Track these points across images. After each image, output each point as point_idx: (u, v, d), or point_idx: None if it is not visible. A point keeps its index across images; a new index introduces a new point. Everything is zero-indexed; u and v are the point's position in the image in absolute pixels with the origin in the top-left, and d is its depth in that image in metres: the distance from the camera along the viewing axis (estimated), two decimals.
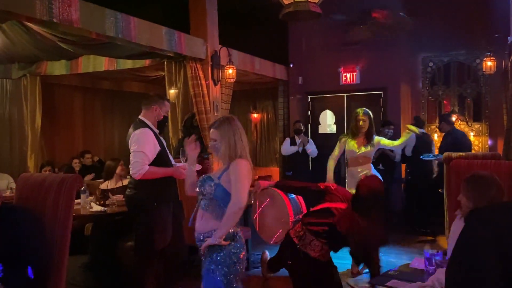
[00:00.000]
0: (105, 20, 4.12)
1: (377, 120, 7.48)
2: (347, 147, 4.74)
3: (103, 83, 8.22)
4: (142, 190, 3.52)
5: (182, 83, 5.64)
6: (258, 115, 9.15)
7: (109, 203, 4.65)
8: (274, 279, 4.48)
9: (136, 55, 5.40)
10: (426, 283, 2.17)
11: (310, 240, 3.09)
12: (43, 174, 4.07)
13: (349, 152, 4.72)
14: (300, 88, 8.18)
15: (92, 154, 7.33)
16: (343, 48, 7.65)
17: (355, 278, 4.47)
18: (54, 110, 7.55)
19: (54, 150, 7.48)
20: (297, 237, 3.15)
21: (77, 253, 4.47)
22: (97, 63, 6.32)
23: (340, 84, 7.83)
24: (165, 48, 4.95)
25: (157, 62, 5.83)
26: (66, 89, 7.76)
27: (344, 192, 3.30)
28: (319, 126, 8.19)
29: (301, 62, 8.11)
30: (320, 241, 3.07)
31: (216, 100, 5.86)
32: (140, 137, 3.50)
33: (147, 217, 3.52)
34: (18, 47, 5.36)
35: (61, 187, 2.67)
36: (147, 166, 3.43)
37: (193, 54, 5.43)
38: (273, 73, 7.81)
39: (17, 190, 3.07)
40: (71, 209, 2.68)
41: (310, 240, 3.09)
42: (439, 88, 7.56)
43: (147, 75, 7.21)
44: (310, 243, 3.09)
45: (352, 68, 7.72)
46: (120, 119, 8.42)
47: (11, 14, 3.45)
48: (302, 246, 3.11)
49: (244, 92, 8.50)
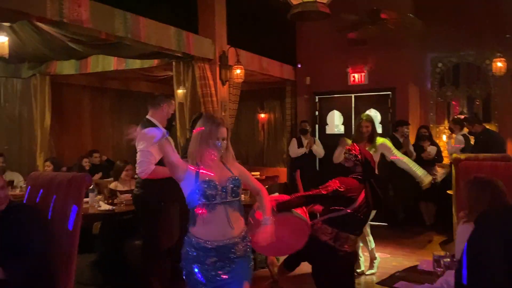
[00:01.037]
0: (115, 20, 4.15)
1: (385, 121, 7.48)
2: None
3: (111, 82, 8.27)
4: (149, 190, 3.54)
5: (190, 83, 5.65)
6: (265, 115, 9.15)
7: (117, 202, 4.68)
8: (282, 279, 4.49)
9: (144, 55, 5.43)
10: (435, 285, 2.16)
11: (345, 238, 3.11)
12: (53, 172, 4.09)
13: None
14: (308, 88, 8.17)
15: (100, 154, 7.38)
16: (351, 48, 7.62)
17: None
18: (63, 109, 7.61)
19: (63, 149, 7.53)
20: (331, 240, 3.13)
21: (85, 252, 4.49)
22: (106, 62, 6.37)
23: (348, 84, 7.81)
24: (173, 48, 4.97)
25: (165, 62, 5.86)
26: (75, 89, 7.82)
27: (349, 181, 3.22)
28: (326, 127, 8.17)
29: (309, 62, 8.10)
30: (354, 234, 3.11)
31: (223, 100, 5.87)
32: (146, 137, 3.52)
33: (154, 216, 3.54)
34: (28, 46, 5.40)
35: (70, 185, 2.70)
36: (153, 166, 3.45)
37: (201, 54, 5.45)
38: (280, 73, 7.81)
39: (27, 188, 3.10)
40: (80, 207, 2.70)
41: (346, 237, 3.11)
42: (448, 89, 7.52)
43: (155, 75, 7.24)
44: (347, 240, 3.11)
45: (360, 69, 7.69)
46: (128, 118, 8.46)
47: (22, 14, 3.48)
48: (340, 246, 3.12)
49: (252, 92, 8.50)
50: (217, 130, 2.31)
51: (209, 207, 2.24)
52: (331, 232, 3.14)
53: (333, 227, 3.14)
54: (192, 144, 2.37)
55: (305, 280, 3.67)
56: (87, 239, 4.49)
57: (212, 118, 2.39)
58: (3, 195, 2.53)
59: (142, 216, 3.73)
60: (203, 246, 2.25)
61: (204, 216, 2.25)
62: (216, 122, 2.34)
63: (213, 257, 2.24)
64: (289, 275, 4.22)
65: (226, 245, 2.26)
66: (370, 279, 4.58)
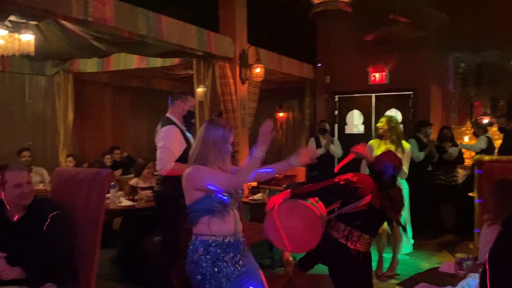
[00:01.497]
0: (137, 19, 4.20)
1: (406, 121, 7.39)
2: (377, 152, 4.64)
3: (132, 81, 8.38)
4: (170, 186, 3.57)
5: (210, 81, 5.69)
6: (284, 114, 9.14)
7: (137, 198, 4.75)
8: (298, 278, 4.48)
9: (166, 54, 5.48)
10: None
11: (358, 236, 3.09)
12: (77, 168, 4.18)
13: None
14: (328, 87, 8.13)
15: (121, 150, 7.49)
16: (372, 48, 7.55)
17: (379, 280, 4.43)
18: (85, 106, 7.74)
19: (85, 146, 7.67)
20: (343, 237, 3.11)
21: (106, 247, 4.57)
22: (128, 61, 6.45)
23: (368, 84, 7.74)
24: (195, 47, 5.01)
25: (186, 60, 5.91)
26: (97, 86, 7.95)
27: (365, 178, 3.20)
28: (346, 126, 8.13)
29: (329, 61, 8.05)
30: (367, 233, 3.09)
31: (243, 99, 5.89)
32: (166, 134, 3.57)
33: (174, 213, 3.58)
34: (52, 44, 5.51)
35: (94, 181, 2.75)
36: (173, 163, 3.49)
37: (222, 53, 5.48)
38: (300, 72, 7.79)
39: (51, 183, 3.17)
40: (103, 203, 2.76)
41: (359, 236, 3.09)
42: (471, 90, 7.38)
43: (176, 74, 7.30)
44: (359, 239, 3.10)
45: (381, 68, 7.61)
46: (148, 116, 8.56)
47: (49, 13, 3.56)
48: (352, 244, 3.10)
49: (271, 91, 8.50)
50: (230, 135, 2.38)
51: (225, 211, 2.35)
52: (344, 229, 3.11)
53: (346, 224, 3.12)
54: (204, 148, 2.34)
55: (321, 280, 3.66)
56: (108, 234, 4.57)
57: (223, 123, 2.42)
58: (28, 190, 2.58)
59: (162, 212, 3.78)
60: (221, 243, 2.30)
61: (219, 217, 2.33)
62: (228, 127, 2.38)
63: (231, 252, 2.32)
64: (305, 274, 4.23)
65: (238, 240, 2.39)
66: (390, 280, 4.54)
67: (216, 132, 2.33)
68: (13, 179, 2.55)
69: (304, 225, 3.30)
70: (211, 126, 2.36)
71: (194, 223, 2.35)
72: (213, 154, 2.33)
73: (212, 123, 2.39)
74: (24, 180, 2.58)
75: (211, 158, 2.33)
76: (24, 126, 6.98)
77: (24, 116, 7.00)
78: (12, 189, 2.54)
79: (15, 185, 2.54)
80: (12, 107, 6.86)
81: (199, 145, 2.36)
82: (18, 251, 2.46)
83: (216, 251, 2.29)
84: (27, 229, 2.56)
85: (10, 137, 6.71)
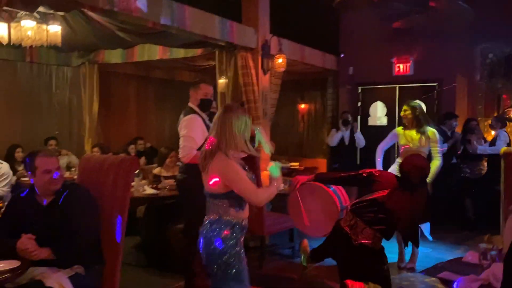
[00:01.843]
0: (161, 10, 4.25)
1: (430, 113, 7.25)
2: (401, 140, 4.58)
3: (156, 72, 8.48)
4: (192, 175, 3.62)
5: (232, 72, 5.70)
6: (305, 106, 9.10)
7: (161, 187, 4.83)
8: (315, 268, 4.50)
9: (189, 44, 5.53)
10: (481, 277, 2.11)
11: (362, 229, 3.08)
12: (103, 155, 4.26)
13: (403, 145, 4.57)
14: (350, 78, 8.04)
15: (145, 141, 7.61)
16: (396, 38, 7.43)
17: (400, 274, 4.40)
18: (110, 97, 7.88)
19: (109, 136, 7.82)
20: (348, 226, 3.12)
21: (130, 234, 4.67)
22: (151, 52, 6.53)
23: (392, 75, 7.62)
24: (217, 37, 5.03)
25: (208, 51, 5.94)
26: (121, 77, 8.07)
27: (388, 176, 3.18)
28: (369, 118, 8.04)
29: (352, 52, 7.96)
30: (372, 228, 3.05)
31: (264, 90, 5.89)
32: (188, 123, 3.65)
33: (196, 201, 3.62)
34: (78, 36, 5.63)
35: (120, 168, 2.82)
36: (195, 151, 3.54)
37: (244, 44, 5.48)
38: (322, 63, 7.73)
39: (79, 170, 3.26)
40: (129, 189, 2.83)
41: (362, 228, 3.08)
42: (499, 81, 7.18)
43: (198, 65, 7.35)
44: (362, 231, 3.08)
45: (405, 59, 7.48)
46: (171, 107, 8.65)
47: (76, 3, 3.64)
48: (354, 235, 3.09)
49: (292, 82, 8.46)
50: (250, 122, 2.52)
51: None
52: (351, 219, 3.11)
53: (355, 214, 3.11)
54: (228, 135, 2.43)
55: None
56: (132, 222, 4.66)
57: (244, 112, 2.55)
58: (58, 176, 2.67)
59: (184, 200, 3.84)
60: (241, 226, 2.49)
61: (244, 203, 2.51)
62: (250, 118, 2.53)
63: (243, 235, 2.52)
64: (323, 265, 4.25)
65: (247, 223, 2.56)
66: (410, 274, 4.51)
67: (239, 119, 2.42)
68: (43, 165, 2.63)
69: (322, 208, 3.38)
70: (233, 112, 2.43)
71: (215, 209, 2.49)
72: (236, 141, 2.41)
73: (232, 109, 2.48)
74: (54, 166, 2.65)
75: (234, 144, 2.41)
76: (51, 116, 7.17)
77: (51, 106, 7.18)
78: (42, 175, 2.62)
79: (45, 170, 2.62)
80: (40, 98, 7.04)
81: (220, 130, 2.42)
82: (48, 234, 2.54)
83: (237, 233, 2.46)
84: (56, 213, 2.64)
85: (37, 126, 6.90)
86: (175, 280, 4.03)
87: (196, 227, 3.64)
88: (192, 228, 3.69)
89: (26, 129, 6.70)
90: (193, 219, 3.68)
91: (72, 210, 2.64)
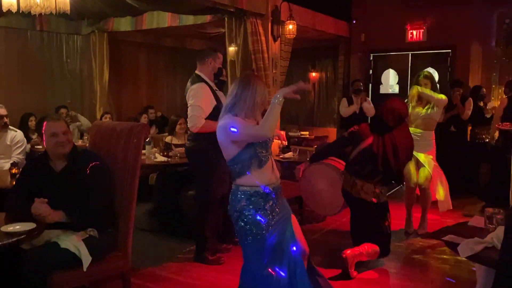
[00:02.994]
0: None
1: (443, 81, 7.14)
2: (411, 110, 4.52)
3: (166, 40, 8.43)
4: (200, 142, 3.65)
5: (242, 39, 5.65)
6: (316, 74, 9.01)
7: (172, 154, 4.89)
8: (328, 233, 4.59)
9: (198, 10, 5.47)
10: (485, 240, 2.14)
11: (361, 186, 3.25)
12: (114, 122, 4.33)
13: (413, 114, 4.50)
14: (362, 45, 7.92)
15: (155, 110, 7.65)
16: (410, 3, 7.24)
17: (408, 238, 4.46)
18: (120, 66, 7.89)
19: (120, 104, 7.88)
20: (349, 187, 3.36)
21: (142, 201, 4.77)
22: (161, 19, 6.48)
23: (405, 42, 7.48)
24: (226, 2, 4.96)
25: (218, 18, 5.87)
26: (131, 46, 8.05)
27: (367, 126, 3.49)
28: (380, 86, 7.95)
29: (364, 18, 7.80)
30: (369, 182, 3.23)
31: (275, 57, 5.84)
32: (196, 92, 3.62)
33: (206, 167, 3.67)
34: (87, 3, 5.60)
35: (131, 134, 2.86)
36: (203, 120, 3.55)
37: (254, 9, 5.40)
38: (334, 30, 7.61)
39: (90, 137, 3.31)
40: (140, 155, 2.87)
41: (361, 185, 3.24)
42: None
43: (208, 32, 7.29)
44: (362, 188, 3.24)
45: (419, 25, 7.31)
46: (181, 75, 8.64)
47: None
48: (356, 194, 3.29)
49: (303, 50, 8.36)
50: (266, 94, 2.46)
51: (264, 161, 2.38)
52: (350, 179, 3.39)
53: (351, 174, 3.38)
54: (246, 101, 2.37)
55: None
56: (144, 189, 4.76)
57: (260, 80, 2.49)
58: (65, 139, 2.69)
59: (194, 167, 3.89)
60: (262, 192, 2.35)
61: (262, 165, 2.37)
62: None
63: (270, 200, 2.36)
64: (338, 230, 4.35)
65: (278, 186, 2.44)
66: None
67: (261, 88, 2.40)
68: (50, 129, 2.68)
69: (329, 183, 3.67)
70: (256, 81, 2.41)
71: (238, 175, 2.38)
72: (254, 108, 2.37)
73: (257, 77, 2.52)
74: (60, 130, 2.68)
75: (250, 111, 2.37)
76: (63, 85, 7.22)
77: (62, 75, 7.22)
78: (49, 138, 2.68)
79: (51, 134, 2.67)
80: (51, 66, 7.08)
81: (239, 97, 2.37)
82: (61, 198, 2.61)
83: (258, 200, 2.34)
84: (69, 179, 2.70)
85: (50, 95, 6.97)
86: (187, 244, 4.13)
87: (205, 192, 3.73)
88: (202, 194, 3.77)
89: (39, 98, 6.77)
90: (203, 185, 3.75)
91: (85, 174, 2.69)
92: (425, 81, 4.42)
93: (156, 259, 3.87)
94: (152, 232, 4.67)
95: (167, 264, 3.78)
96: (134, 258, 2.95)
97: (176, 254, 4.02)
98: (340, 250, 3.38)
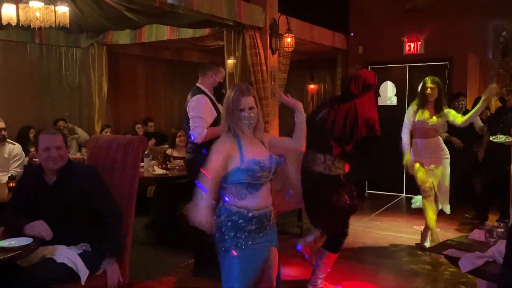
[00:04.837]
0: None
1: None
2: (418, 117, 4.51)
3: (164, 52, 8.46)
4: (200, 155, 3.64)
5: (240, 52, 5.67)
6: (314, 86, 9.03)
7: (170, 167, 4.88)
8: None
9: (196, 24, 5.49)
10: (486, 254, 2.12)
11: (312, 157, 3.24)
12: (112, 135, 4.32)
13: (419, 122, 4.47)
14: (360, 58, 7.95)
15: (155, 122, 7.66)
16: (407, 16, 7.30)
17: None
18: (119, 78, 7.90)
19: (119, 117, 7.87)
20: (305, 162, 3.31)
21: (140, 214, 4.75)
22: (160, 32, 6.51)
23: (403, 54, 7.52)
24: (225, 16, 4.99)
25: (216, 31, 5.90)
26: (130, 58, 8.07)
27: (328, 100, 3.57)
28: (378, 98, 7.97)
29: (362, 31, 7.85)
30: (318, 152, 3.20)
31: (273, 70, 5.86)
32: (197, 103, 3.65)
33: None
34: (87, 16, 5.62)
35: (128, 147, 2.85)
36: (206, 130, 3.56)
37: (252, 23, 5.43)
38: (332, 42, 7.65)
39: (88, 150, 3.30)
40: (138, 168, 2.86)
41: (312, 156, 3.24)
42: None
43: (206, 45, 7.31)
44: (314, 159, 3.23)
45: (416, 37, 7.36)
46: (180, 88, 8.66)
47: None
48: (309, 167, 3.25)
49: (301, 62, 8.39)
50: (240, 99, 2.22)
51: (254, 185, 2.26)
52: (306, 155, 3.30)
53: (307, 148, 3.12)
54: (222, 115, 2.33)
55: None
56: (143, 203, 4.74)
57: (236, 86, 2.30)
58: (57, 155, 2.62)
59: (193, 179, 3.86)
60: (245, 215, 2.25)
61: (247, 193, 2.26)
62: (239, 90, 2.24)
63: (253, 224, 2.26)
64: None
65: (265, 214, 2.31)
66: None
67: (228, 95, 2.27)
68: (43, 142, 2.63)
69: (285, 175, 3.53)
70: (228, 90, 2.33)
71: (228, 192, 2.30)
72: (228, 120, 2.24)
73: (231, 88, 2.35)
74: (54, 144, 2.62)
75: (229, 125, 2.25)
76: (62, 97, 7.22)
77: (61, 87, 7.22)
78: (42, 152, 2.63)
79: (44, 147, 2.62)
80: (50, 79, 7.09)
81: None
82: (55, 213, 2.59)
83: (239, 221, 2.25)
84: (61, 193, 2.65)
85: (49, 108, 6.97)
86: (185, 257, 4.10)
87: None
88: None
89: (37, 111, 6.77)
90: None
91: (79, 189, 2.66)
92: (432, 85, 4.42)
93: (155, 272, 3.84)
94: (150, 245, 4.64)
95: (165, 277, 3.75)
96: (132, 271, 2.93)
97: (174, 267, 3.99)
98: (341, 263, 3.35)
